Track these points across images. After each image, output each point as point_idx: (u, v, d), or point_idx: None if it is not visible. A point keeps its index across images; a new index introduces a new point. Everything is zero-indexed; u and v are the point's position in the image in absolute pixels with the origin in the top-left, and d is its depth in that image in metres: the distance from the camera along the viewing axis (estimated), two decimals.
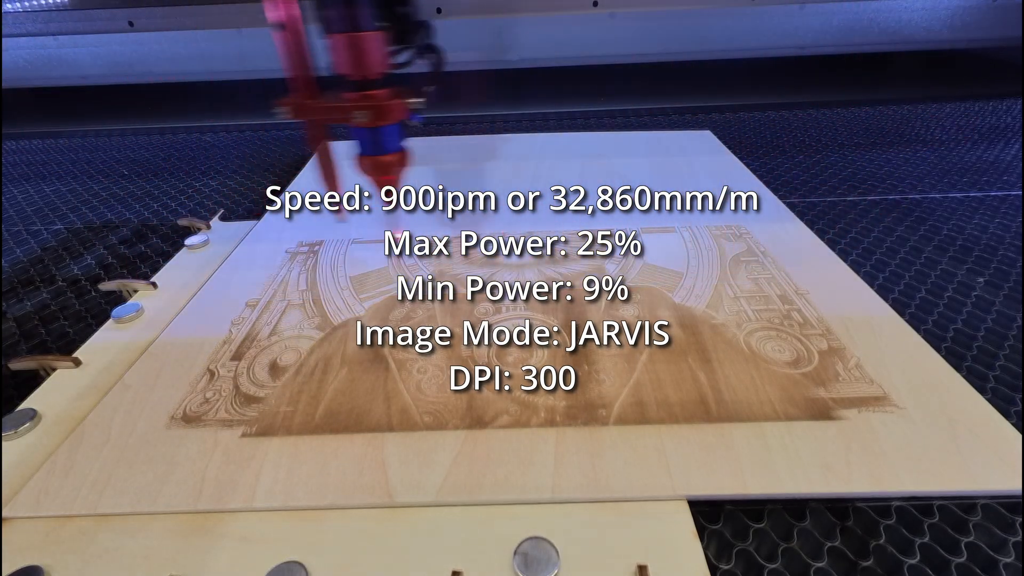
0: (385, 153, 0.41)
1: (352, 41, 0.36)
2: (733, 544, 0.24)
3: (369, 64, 0.37)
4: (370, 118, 0.38)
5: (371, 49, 0.37)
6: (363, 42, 0.36)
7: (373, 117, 0.38)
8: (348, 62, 0.37)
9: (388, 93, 0.38)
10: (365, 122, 0.38)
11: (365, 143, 0.41)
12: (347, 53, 0.36)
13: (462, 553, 0.24)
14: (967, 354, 0.34)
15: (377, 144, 0.41)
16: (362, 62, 0.37)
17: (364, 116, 0.38)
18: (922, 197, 0.55)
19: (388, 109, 0.38)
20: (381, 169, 0.42)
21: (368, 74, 0.37)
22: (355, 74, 0.37)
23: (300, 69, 0.39)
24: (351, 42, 0.36)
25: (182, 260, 0.48)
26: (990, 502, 0.25)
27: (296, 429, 0.30)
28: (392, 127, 0.40)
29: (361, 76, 0.37)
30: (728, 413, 0.30)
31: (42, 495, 0.26)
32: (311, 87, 0.39)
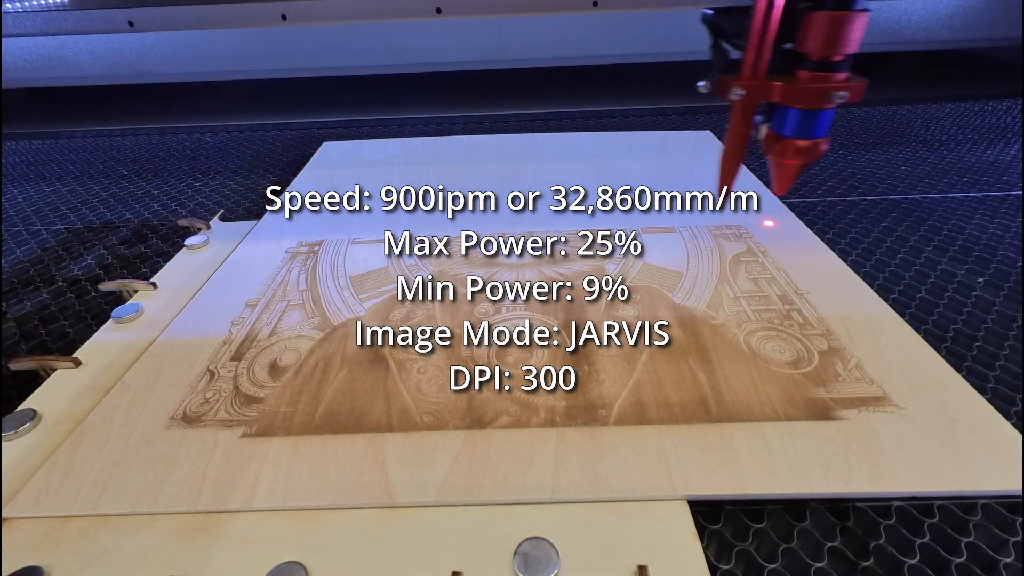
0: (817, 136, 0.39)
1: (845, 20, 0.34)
2: (733, 544, 0.24)
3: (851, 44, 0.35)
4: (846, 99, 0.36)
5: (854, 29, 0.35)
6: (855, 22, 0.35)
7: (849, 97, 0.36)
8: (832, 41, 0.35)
9: (851, 74, 0.37)
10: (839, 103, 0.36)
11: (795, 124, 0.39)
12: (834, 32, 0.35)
13: (462, 553, 0.24)
14: (967, 354, 0.34)
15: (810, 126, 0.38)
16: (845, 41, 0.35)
17: (842, 97, 0.36)
18: (922, 197, 0.55)
19: (857, 89, 0.37)
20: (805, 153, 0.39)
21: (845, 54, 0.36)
22: (833, 54, 0.36)
23: (762, 51, 0.37)
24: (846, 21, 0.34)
25: (182, 260, 0.48)
26: (990, 502, 0.25)
27: (296, 429, 0.30)
28: (832, 111, 0.38)
29: (839, 56, 0.36)
30: (728, 413, 0.30)
31: (42, 495, 0.26)
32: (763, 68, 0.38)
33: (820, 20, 0.35)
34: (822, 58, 0.36)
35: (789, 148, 0.39)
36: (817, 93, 0.37)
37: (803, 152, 0.39)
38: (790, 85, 0.37)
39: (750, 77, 0.38)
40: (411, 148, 0.72)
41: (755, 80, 0.38)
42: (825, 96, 0.37)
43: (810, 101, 0.37)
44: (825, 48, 0.36)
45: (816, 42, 0.36)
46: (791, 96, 0.38)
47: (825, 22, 0.35)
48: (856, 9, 0.35)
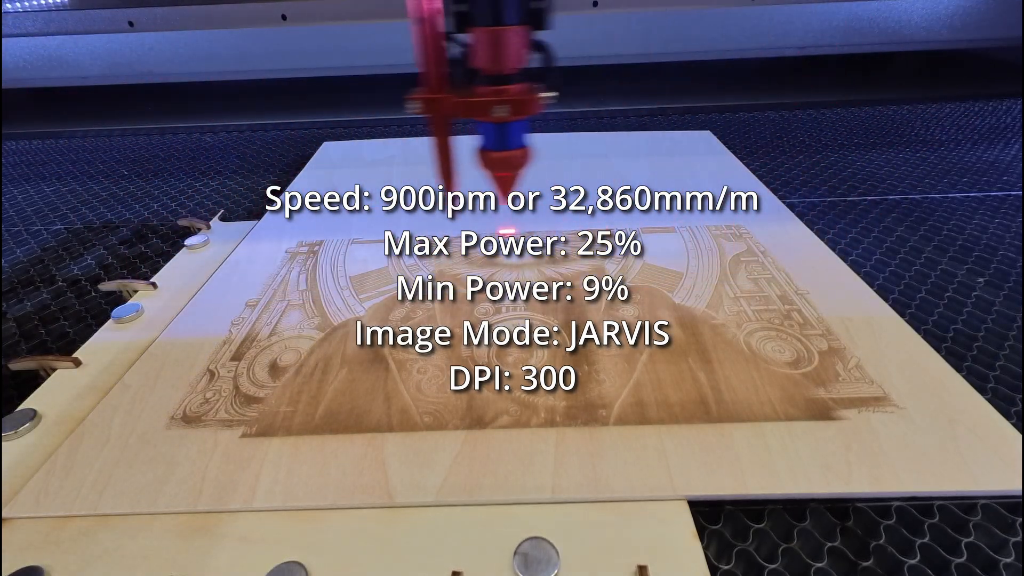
0: (512, 148, 0.40)
1: (497, 36, 0.36)
2: (733, 544, 0.24)
3: (511, 59, 0.36)
4: (509, 113, 0.38)
5: (514, 43, 0.36)
6: (509, 36, 0.36)
7: (512, 112, 0.38)
8: (491, 57, 0.36)
9: (524, 88, 0.38)
10: (502, 117, 0.38)
11: (492, 138, 0.40)
12: (491, 48, 0.36)
13: (462, 553, 0.24)
14: (967, 354, 0.34)
15: (504, 139, 0.40)
16: (505, 56, 0.36)
17: (504, 111, 0.37)
18: (922, 197, 0.55)
19: (526, 104, 0.38)
20: (507, 164, 0.41)
21: (508, 69, 0.37)
22: (495, 69, 0.37)
23: (434, 64, 0.38)
24: (498, 37, 0.36)
25: (182, 260, 0.48)
26: (990, 502, 0.25)
27: (296, 429, 0.30)
28: (521, 122, 0.40)
29: (501, 71, 0.37)
30: (728, 413, 0.30)
31: (42, 495, 0.26)
32: (443, 82, 0.39)
33: (480, 36, 0.36)
34: (491, 72, 0.37)
35: (490, 160, 0.41)
36: (486, 106, 0.38)
37: (504, 163, 0.41)
38: (460, 99, 0.38)
39: (429, 91, 0.39)
40: (411, 148, 0.72)
41: (433, 94, 0.39)
42: (487, 109, 0.38)
43: (478, 115, 0.39)
44: (490, 63, 0.37)
45: (481, 57, 0.37)
46: (460, 110, 0.39)
47: (484, 38, 0.36)
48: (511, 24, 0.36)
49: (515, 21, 0.36)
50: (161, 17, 0.88)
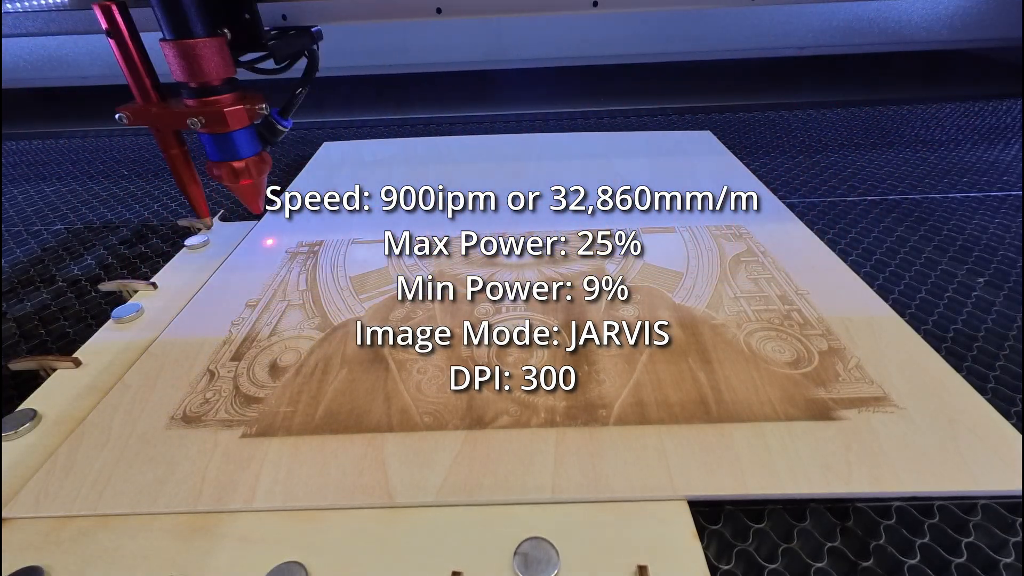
0: (236, 159, 0.40)
1: (184, 48, 0.36)
2: (733, 544, 0.24)
3: (204, 71, 0.37)
4: (208, 125, 0.38)
5: (205, 55, 0.36)
6: (196, 49, 0.36)
7: (211, 123, 0.38)
8: (182, 69, 0.37)
9: (229, 99, 0.38)
10: (199, 128, 0.38)
11: (212, 148, 0.41)
12: (180, 60, 0.36)
13: (462, 553, 0.24)
14: (967, 354, 0.34)
15: (225, 149, 0.40)
16: (197, 69, 0.37)
17: (199, 122, 0.38)
18: (922, 197, 0.55)
19: (226, 115, 0.38)
20: (232, 174, 0.41)
21: (205, 81, 0.37)
22: (191, 80, 0.37)
23: (136, 76, 0.38)
24: (183, 49, 0.36)
25: (182, 260, 0.48)
26: (990, 502, 0.25)
27: (296, 429, 0.30)
28: (241, 132, 0.40)
29: (198, 83, 0.37)
30: (728, 413, 0.30)
31: (42, 495, 0.26)
32: (149, 93, 0.39)
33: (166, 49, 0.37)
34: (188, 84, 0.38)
35: (213, 170, 0.41)
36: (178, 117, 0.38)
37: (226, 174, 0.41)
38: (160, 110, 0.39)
39: (139, 102, 0.39)
40: (411, 148, 0.72)
41: (142, 106, 0.39)
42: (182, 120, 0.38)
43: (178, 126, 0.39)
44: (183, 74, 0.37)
45: (174, 69, 0.37)
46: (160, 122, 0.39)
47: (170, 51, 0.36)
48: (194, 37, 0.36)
49: (204, 34, 0.36)
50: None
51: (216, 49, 0.37)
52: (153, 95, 0.39)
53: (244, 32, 0.39)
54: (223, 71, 0.38)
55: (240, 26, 0.38)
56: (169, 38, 0.36)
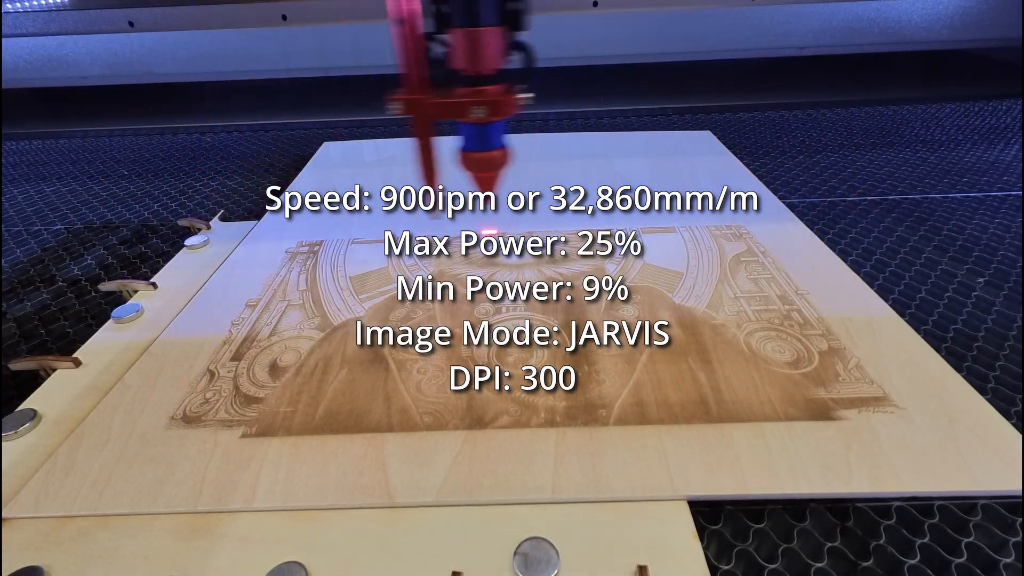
0: (491, 149, 0.41)
1: (474, 36, 0.36)
2: (733, 544, 0.24)
3: (489, 59, 0.37)
4: (486, 114, 0.38)
5: (492, 44, 0.36)
6: (485, 37, 0.36)
7: (489, 112, 0.38)
8: (469, 57, 0.36)
9: (502, 89, 0.38)
10: (480, 118, 0.38)
11: (472, 139, 0.41)
12: (469, 48, 0.36)
13: (462, 553, 0.24)
14: (967, 354, 0.34)
15: (484, 140, 0.40)
16: (483, 57, 0.36)
17: (481, 111, 0.37)
18: (922, 197, 0.55)
19: (503, 104, 0.38)
20: (486, 165, 0.41)
21: (486, 70, 0.37)
22: (473, 70, 0.37)
23: (414, 65, 0.38)
24: (474, 37, 0.36)
25: (182, 260, 0.48)
26: (990, 502, 0.25)
27: (296, 429, 0.30)
28: (499, 123, 0.40)
29: (482, 72, 0.37)
30: (728, 413, 0.30)
31: (42, 495, 0.26)
32: (424, 83, 0.39)
33: (458, 37, 0.36)
34: (471, 73, 0.37)
35: (469, 161, 0.41)
36: (461, 107, 0.38)
37: (483, 164, 0.41)
38: (440, 100, 0.38)
39: (410, 92, 0.39)
40: (411, 148, 0.72)
41: (413, 95, 0.39)
42: (467, 111, 0.38)
43: (457, 115, 0.39)
44: (467, 63, 0.37)
45: (458, 57, 0.37)
46: (441, 111, 0.39)
47: (461, 38, 0.36)
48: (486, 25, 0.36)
49: (493, 22, 0.36)
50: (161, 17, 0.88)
51: (501, 39, 0.37)
52: (426, 85, 0.39)
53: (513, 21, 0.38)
54: (503, 60, 0.37)
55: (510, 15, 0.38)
56: (461, 26, 0.36)
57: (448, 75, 0.38)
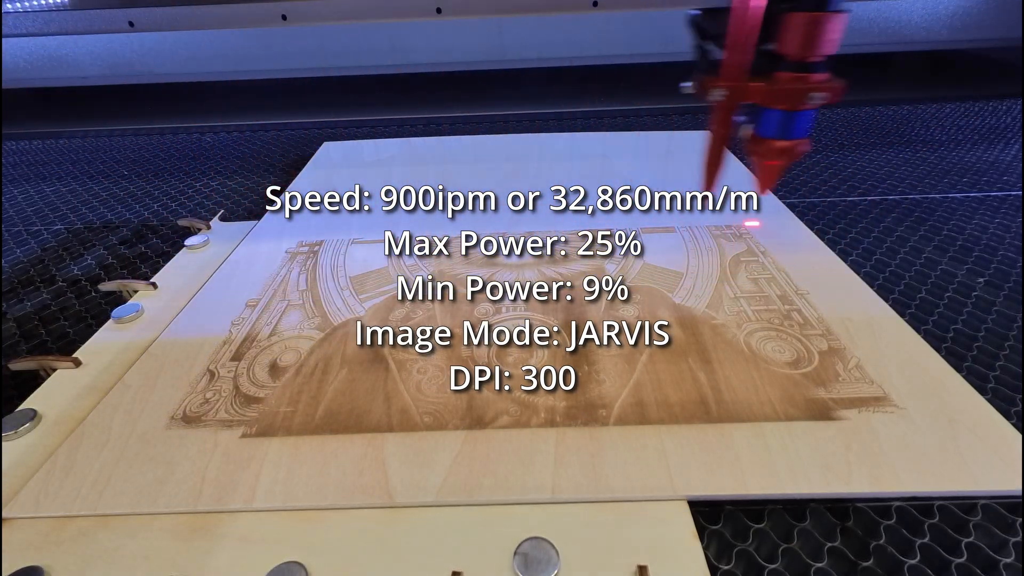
0: (795, 137, 0.39)
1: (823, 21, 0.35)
2: (733, 544, 0.24)
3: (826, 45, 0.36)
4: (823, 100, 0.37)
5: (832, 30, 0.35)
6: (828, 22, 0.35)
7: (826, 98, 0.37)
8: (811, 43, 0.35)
9: (828, 76, 0.37)
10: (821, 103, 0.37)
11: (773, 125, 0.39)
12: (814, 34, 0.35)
13: (462, 553, 0.24)
14: (967, 354, 0.34)
15: (789, 127, 0.39)
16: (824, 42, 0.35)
17: (819, 98, 0.36)
18: (922, 197, 0.55)
19: (835, 90, 0.37)
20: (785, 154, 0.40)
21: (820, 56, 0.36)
22: (814, 55, 0.36)
23: (742, 52, 0.37)
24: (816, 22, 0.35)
25: (182, 260, 0.48)
26: (990, 502, 0.25)
27: (296, 429, 0.30)
28: (808, 111, 0.39)
29: (821, 57, 0.36)
30: (728, 413, 0.30)
31: (42, 495, 0.26)
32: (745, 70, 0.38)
33: (798, 21, 0.35)
34: (801, 59, 0.36)
35: (770, 149, 0.40)
36: (795, 94, 0.37)
37: (784, 153, 0.40)
38: (769, 86, 0.38)
39: (730, 78, 0.38)
40: (411, 148, 0.72)
41: (735, 81, 0.38)
42: (803, 97, 0.37)
43: (788, 102, 0.38)
44: (803, 49, 0.36)
45: (794, 43, 0.36)
46: (770, 97, 0.38)
47: (803, 23, 0.35)
48: (833, 10, 0.35)
49: (836, 8, 0.35)
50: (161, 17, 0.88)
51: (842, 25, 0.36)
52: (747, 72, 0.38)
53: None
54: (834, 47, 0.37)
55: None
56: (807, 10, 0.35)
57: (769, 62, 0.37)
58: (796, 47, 0.36)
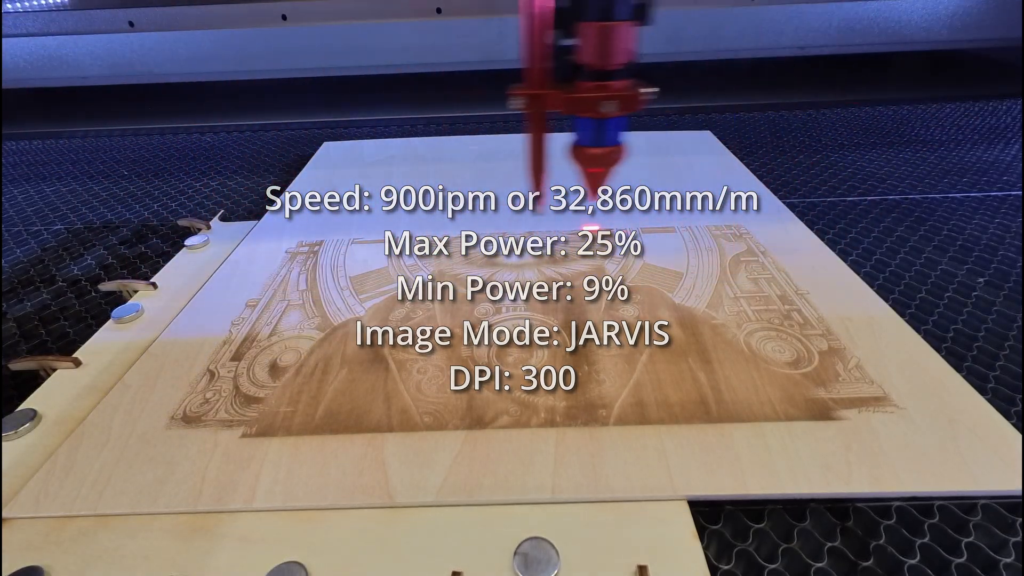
0: (608, 144, 0.40)
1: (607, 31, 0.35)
2: (733, 544, 0.24)
3: (619, 54, 0.36)
4: (616, 108, 0.37)
5: (623, 39, 0.36)
6: (616, 31, 0.35)
7: (619, 107, 0.37)
8: (601, 52, 0.36)
9: (629, 84, 0.38)
10: (610, 112, 0.37)
11: (588, 133, 0.40)
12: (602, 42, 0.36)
13: (462, 553, 0.24)
14: (967, 354, 0.34)
15: (602, 135, 0.39)
16: (615, 51, 0.36)
17: (612, 106, 0.37)
18: (922, 197, 0.55)
19: (632, 99, 0.37)
20: (601, 161, 0.40)
21: (615, 65, 0.37)
22: (603, 64, 0.36)
23: (539, 60, 0.37)
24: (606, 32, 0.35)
25: (182, 260, 0.48)
26: (990, 502, 0.25)
27: (296, 429, 0.30)
28: (618, 119, 0.39)
29: (608, 67, 0.36)
30: (728, 413, 0.30)
31: (42, 495, 0.26)
32: (546, 78, 0.38)
33: (589, 30, 0.35)
34: (598, 67, 0.37)
35: (586, 156, 0.40)
36: (590, 102, 0.37)
37: (599, 160, 0.40)
38: (566, 95, 0.38)
39: (531, 86, 0.39)
40: (411, 148, 0.72)
41: (536, 89, 0.39)
42: (598, 105, 0.37)
43: (586, 110, 0.38)
44: (597, 58, 0.36)
45: (588, 52, 0.36)
46: (566, 106, 0.38)
47: (593, 32, 0.35)
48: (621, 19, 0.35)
49: (625, 16, 0.36)
50: (161, 17, 0.88)
51: (632, 33, 0.36)
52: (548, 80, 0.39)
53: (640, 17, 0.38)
54: (631, 55, 0.37)
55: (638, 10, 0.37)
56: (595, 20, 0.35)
57: (572, 69, 0.38)
58: (590, 56, 0.36)
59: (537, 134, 0.42)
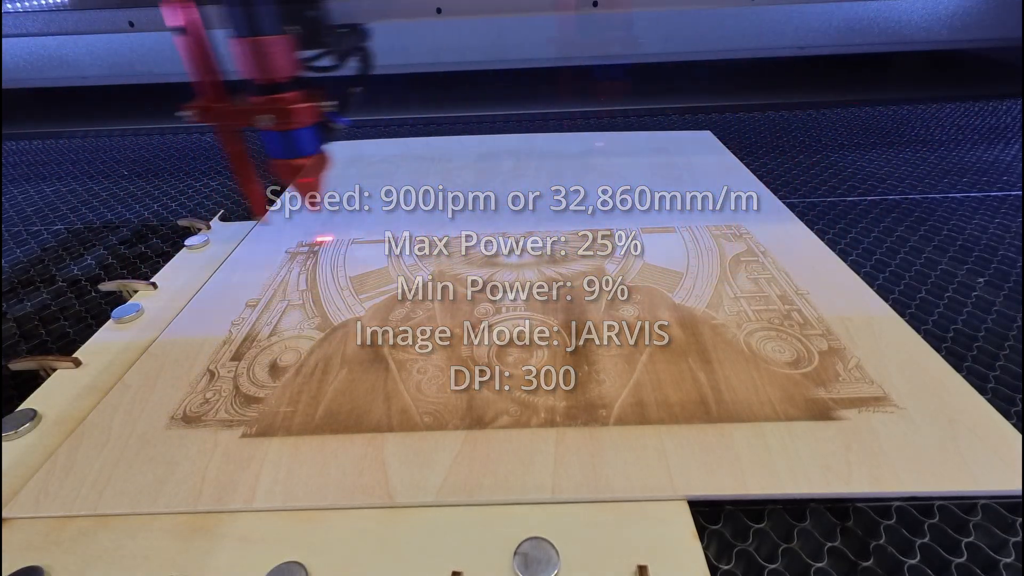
0: (298, 156, 0.41)
1: (253, 45, 0.36)
2: (733, 544, 0.24)
3: (273, 68, 0.37)
4: (276, 122, 0.38)
5: (274, 53, 0.36)
6: (265, 46, 0.36)
7: (279, 121, 0.38)
8: (251, 66, 0.37)
9: (295, 96, 0.38)
10: (270, 126, 0.38)
11: (276, 146, 0.41)
12: (249, 57, 0.37)
13: (462, 553, 0.24)
14: (967, 354, 0.34)
15: (289, 147, 0.40)
16: (265, 66, 0.37)
17: (269, 120, 0.38)
18: (922, 197, 0.55)
19: (294, 112, 0.38)
20: (293, 172, 0.41)
21: (273, 78, 0.37)
22: (259, 78, 0.37)
23: (204, 73, 0.38)
24: (253, 46, 0.36)
25: (182, 260, 0.48)
26: (990, 502, 0.25)
27: (296, 429, 0.30)
28: (305, 130, 0.40)
29: (266, 80, 0.37)
30: (728, 413, 0.30)
31: (42, 495, 0.26)
32: (217, 91, 0.39)
33: (239, 46, 0.37)
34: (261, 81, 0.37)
35: (281, 168, 0.41)
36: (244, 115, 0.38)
37: (295, 171, 0.41)
38: (228, 108, 0.39)
39: (201, 99, 0.40)
40: (411, 148, 0.72)
41: (206, 103, 0.40)
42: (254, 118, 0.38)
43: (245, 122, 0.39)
44: (252, 71, 0.37)
45: (243, 66, 0.37)
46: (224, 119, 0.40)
47: (239, 48, 0.37)
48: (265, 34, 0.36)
49: (276, 31, 0.36)
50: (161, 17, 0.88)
51: (286, 47, 0.37)
52: (220, 93, 0.39)
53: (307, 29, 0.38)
54: (291, 69, 0.38)
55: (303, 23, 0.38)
56: (240, 35, 0.36)
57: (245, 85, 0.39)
58: (247, 70, 0.37)
59: (234, 148, 0.43)
